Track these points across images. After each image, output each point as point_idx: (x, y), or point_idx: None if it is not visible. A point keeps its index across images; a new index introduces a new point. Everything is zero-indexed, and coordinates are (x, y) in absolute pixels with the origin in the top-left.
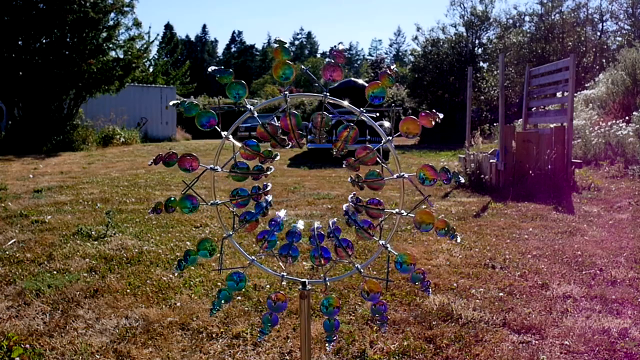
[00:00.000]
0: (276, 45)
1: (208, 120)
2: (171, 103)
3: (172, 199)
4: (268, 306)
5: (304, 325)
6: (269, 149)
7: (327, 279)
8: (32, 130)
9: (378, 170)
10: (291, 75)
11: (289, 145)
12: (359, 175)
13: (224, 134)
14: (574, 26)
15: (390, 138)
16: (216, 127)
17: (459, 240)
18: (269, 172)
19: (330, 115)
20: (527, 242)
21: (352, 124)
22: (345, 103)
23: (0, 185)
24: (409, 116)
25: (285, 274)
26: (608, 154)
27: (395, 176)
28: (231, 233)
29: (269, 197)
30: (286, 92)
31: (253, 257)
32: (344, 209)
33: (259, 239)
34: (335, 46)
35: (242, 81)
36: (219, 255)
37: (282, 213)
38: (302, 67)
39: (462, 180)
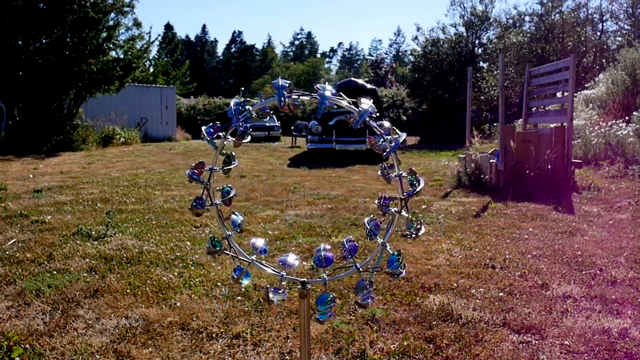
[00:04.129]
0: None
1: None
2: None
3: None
4: None
5: (303, 324)
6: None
7: (326, 278)
8: (32, 130)
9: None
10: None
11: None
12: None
13: (221, 134)
14: (574, 26)
15: (391, 137)
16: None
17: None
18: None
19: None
20: (527, 242)
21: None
22: (344, 103)
23: (0, 185)
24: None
25: (284, 273)
26: (608, 154)
27: (393, 175)
28: (230, 233)
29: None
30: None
31: (253, 257)
32: (366, 223)
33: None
34: None
35: None
36: (220, 255)
37: (260, 242)
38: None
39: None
